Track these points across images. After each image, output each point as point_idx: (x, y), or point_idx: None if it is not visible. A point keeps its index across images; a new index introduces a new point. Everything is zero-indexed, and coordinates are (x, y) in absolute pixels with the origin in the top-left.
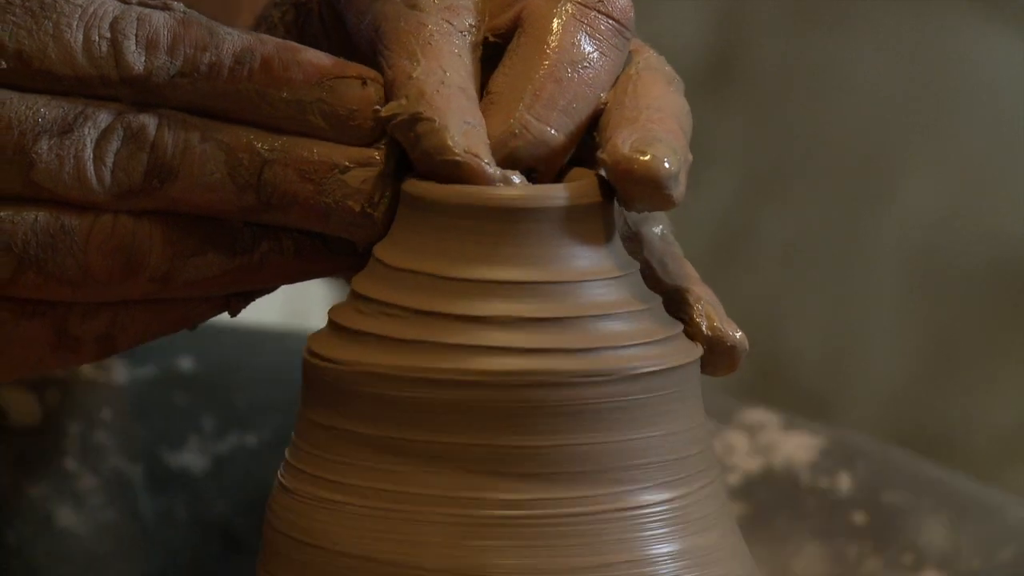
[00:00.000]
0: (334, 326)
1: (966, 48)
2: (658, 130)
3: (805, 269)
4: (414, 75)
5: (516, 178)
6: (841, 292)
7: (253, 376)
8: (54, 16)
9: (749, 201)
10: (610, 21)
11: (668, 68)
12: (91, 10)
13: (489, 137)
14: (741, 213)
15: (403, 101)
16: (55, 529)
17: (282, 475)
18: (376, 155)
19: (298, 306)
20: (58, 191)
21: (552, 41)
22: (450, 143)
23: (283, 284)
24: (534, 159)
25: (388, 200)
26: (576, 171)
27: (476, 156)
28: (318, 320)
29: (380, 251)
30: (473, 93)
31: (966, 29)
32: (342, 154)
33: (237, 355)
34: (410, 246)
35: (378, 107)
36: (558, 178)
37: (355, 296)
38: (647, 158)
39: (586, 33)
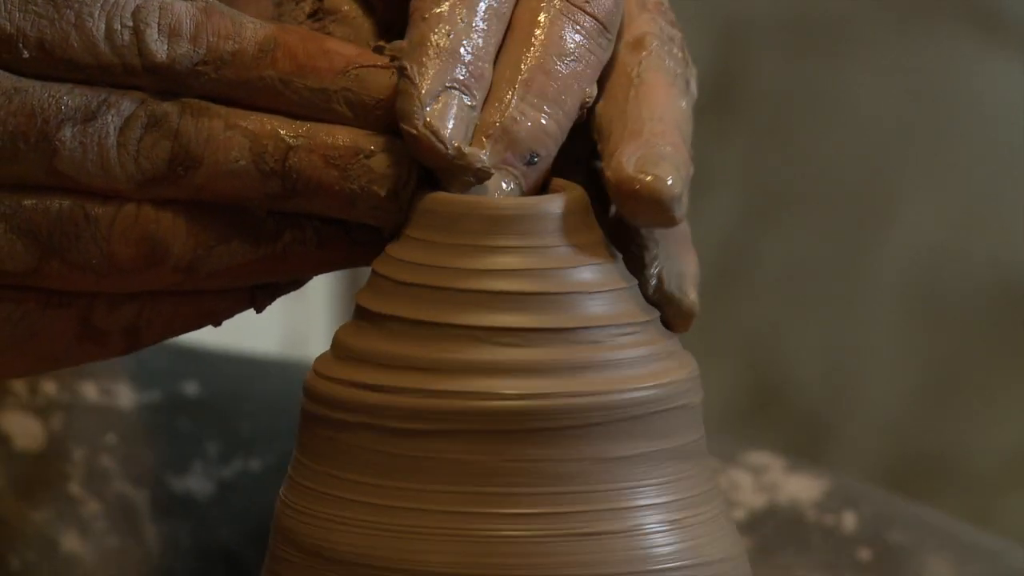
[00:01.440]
0: (337, 344)
1: (965, 74)
2: (662, 146)
3: (805, 294)
4: (430, 13)
5: (484, 155)
6: (841, 317)
7: (257, 403)
8: (76, 5)
9: (749, 226)
10: (595, 21)
11: (670, 63)
12: (112, 0)
13: (482, 124)
14: (741, 238)
15: (405, 44)
16: (60, 554)
17: (285, 492)
18: (400, 141)
19: (298, 335)
20: (81, 179)
21: (540, 34)
22: (414, 112)
23: (307, 275)
24: (535, 143)
25: (414, 184)
26: (556, 182)
27: (433, 133)
28: (318, 348)
29: (379, 266)
30: (485, 58)
31: (965, 55)
32: (367, 139)
33: (241, 383)
34: (411, 258)
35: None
36: (542, 190)
37: (358, 311)
38: (651, 179)
39: (572, 29)
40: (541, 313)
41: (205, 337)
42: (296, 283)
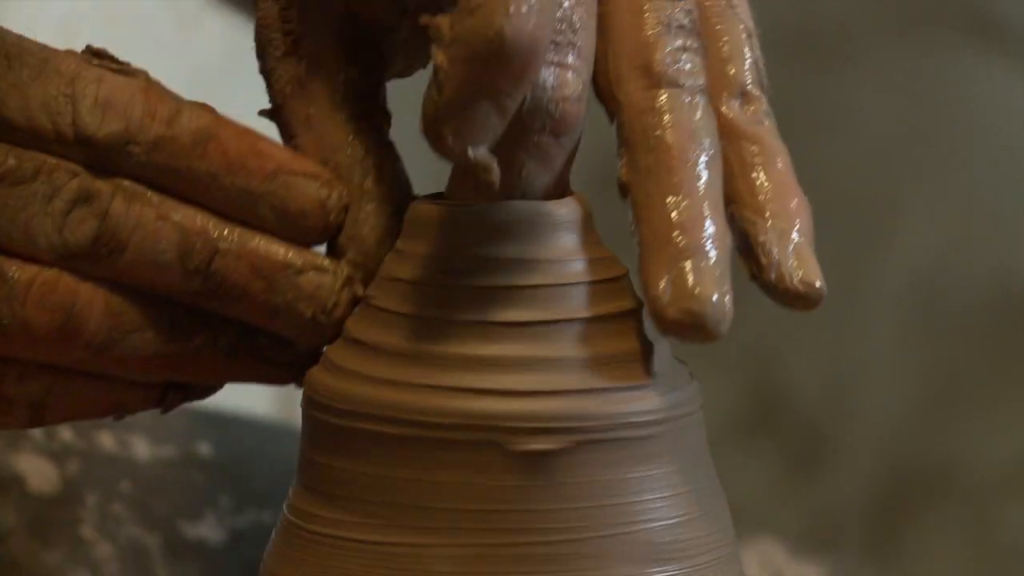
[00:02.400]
0: (329, 364)
1: (967, 85)
2: (694, 254)
3: None
4: (475, 3)
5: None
6: (842, 328)
7: (270, 465)
8: (17, 67)
9: None
10: None
11: (699, 116)
12: (53, 65)
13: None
14: None
15: (444, 37)
16: None
17: (285, 514)
18: (331, 264)
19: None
20: (1, 239)
21: None
22: (442, 136)
23: (213, 382)
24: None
25: (342, 309)
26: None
27: (443, 139)
28: None
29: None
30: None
31: (967, 65)
32: (299, 255)
33: (254, 445)
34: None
35: (327, 203)
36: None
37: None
38: (691, 317)
39: None
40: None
41: (219, 401)
42: (209, 389)
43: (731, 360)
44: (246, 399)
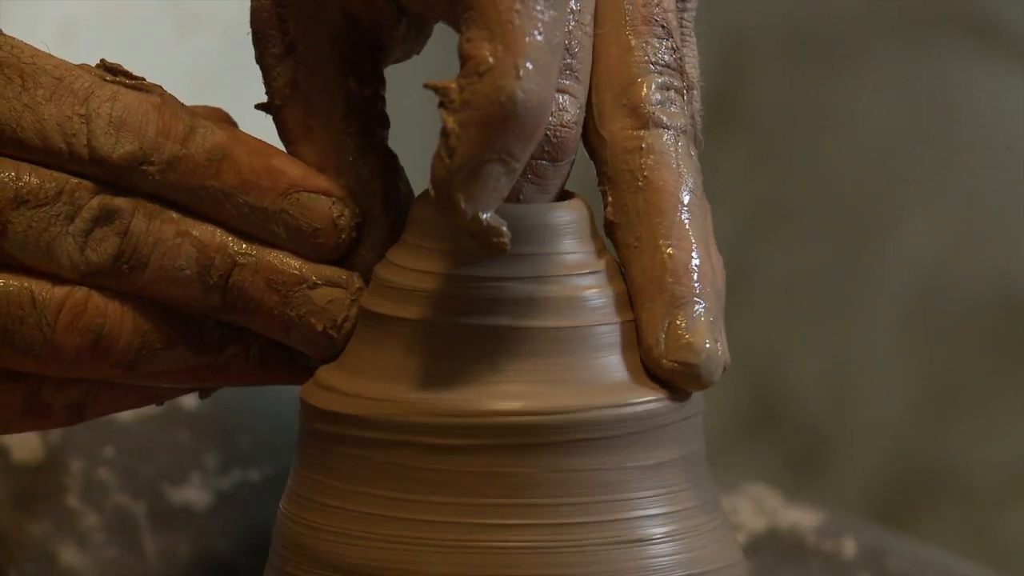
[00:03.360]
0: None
1: (966, 86)
2: (686, 302)
3: (806, 307)
4: (485, 64)
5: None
6: (842, 329)
7: (254, 417)
8: (31, 86)
9: (750, 239)
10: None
11: (683, 156)
12: (67, 83)
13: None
14: (742, 251)
15: (454, 101)
16: (58, 567)
17: (288, 505)
18: (345, 276)
19: None
20: (25, 261)
21: None
22: (455, 202)
23: (245, 386)
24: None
25: (352, 323)
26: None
27: (456, 204)
28: None
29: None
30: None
31: (965, 67)
32: (313, 270)
33: (239, 397)
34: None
35: (340, 221)
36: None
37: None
38: (684, 368)
39: None
40: (545, 316)
41: None
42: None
43: (732, 362)
44: None
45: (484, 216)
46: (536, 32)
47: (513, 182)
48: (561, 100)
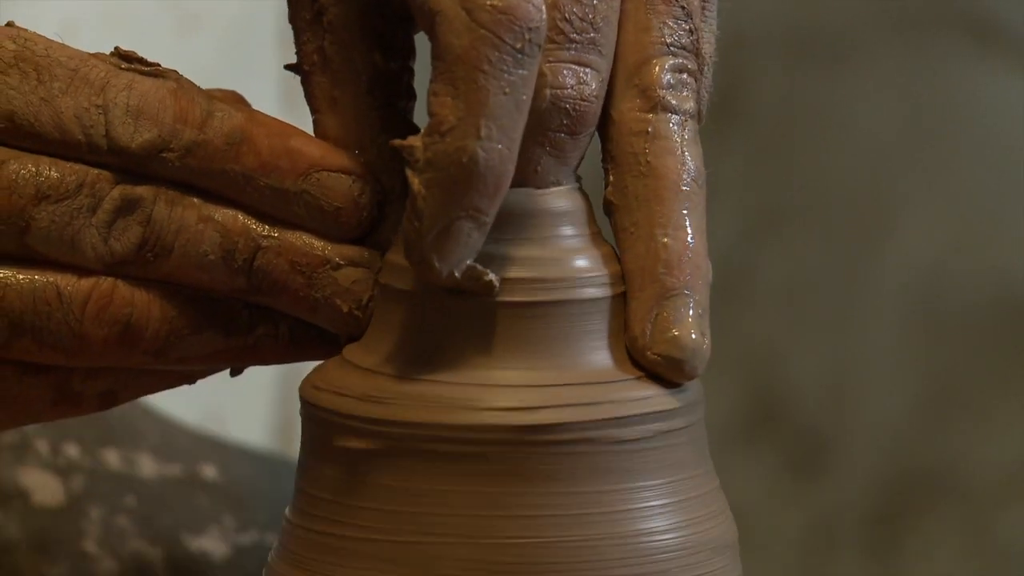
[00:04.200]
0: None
1: (966, 87)
2: (676, 294)
3: (805, 307)
4: (447, 124)
5: (492, 277)
6: (841, 329)
7: (275, 498)
8: (47, 79)
9: (749, 239)
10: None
11: (676, 128)
12: (82, 74)
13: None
14: (742, 251)
15: (418, 161)
16: None
17: (288, 516)
18: (368, 256)
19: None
20: (51, 255)
21: None
22: (429, 262)
23: (277, 363)
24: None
25: (376, 302)
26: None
27: (430, 265)
28: None
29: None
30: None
31: (965, 67)
32: (336, 251)
33: (259, 476)
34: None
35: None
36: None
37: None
38: (667, 361)
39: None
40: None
41: (221, 428)
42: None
43: (731, 362)
44: (245, 430)
45: (459, 272)
46: (501, 92)
47: (485, 235)
48: (582, 73)
